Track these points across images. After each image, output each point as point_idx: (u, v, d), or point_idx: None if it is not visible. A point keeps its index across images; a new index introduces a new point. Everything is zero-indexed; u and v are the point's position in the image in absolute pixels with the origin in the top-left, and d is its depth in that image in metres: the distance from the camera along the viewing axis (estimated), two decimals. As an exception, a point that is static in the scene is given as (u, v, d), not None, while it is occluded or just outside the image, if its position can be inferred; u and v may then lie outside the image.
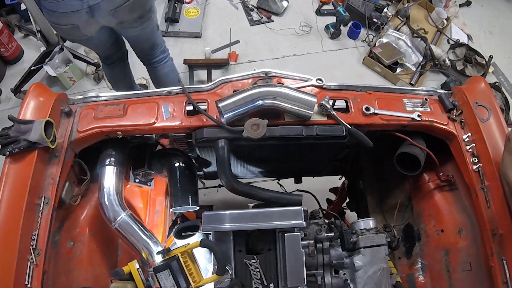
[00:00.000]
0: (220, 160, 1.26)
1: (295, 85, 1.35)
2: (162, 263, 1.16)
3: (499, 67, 3.69)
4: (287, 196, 1.32)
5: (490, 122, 1.33)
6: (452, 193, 1.42)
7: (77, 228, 1.34)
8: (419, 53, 3.53)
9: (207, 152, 1.57)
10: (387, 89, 1.42)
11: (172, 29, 3.48)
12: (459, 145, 1.33)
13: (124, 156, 1.40)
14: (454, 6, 4.02)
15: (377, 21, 3.66)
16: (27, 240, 1.08)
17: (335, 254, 1.28)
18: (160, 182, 1.86)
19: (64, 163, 1.22)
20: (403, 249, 1.55)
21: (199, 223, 1.27)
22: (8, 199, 1.10)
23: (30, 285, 1.04)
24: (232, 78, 1.37)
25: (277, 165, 1.85)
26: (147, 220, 1.74)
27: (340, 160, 1.87)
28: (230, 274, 1.17)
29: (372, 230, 1.23)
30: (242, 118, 1.23)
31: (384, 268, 1.18)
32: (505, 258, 1.14)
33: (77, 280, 1.27)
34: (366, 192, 1.78)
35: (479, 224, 1.24)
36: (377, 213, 1.73)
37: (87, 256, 1.32)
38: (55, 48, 2.92)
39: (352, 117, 1.31)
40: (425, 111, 1.37)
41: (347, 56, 3.60)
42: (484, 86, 1.45)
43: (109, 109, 1.29)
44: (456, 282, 1.32)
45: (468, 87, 1.46)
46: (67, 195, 1.26)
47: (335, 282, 1.26)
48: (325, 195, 2.26)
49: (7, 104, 3.07)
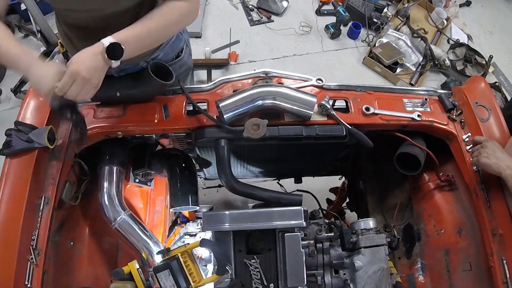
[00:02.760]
0: (220, 160, 1.26)
1: (295, 85, 1.35)
2: (162, 263, 1.16)
3: (499, 67, 3.69)
4: (287, 196, 1.32)
5: (490, 122, 1.34)
6: (452, 193, 1.42)
7: (77, 228, 1.34)
8: (419, 53, 3.53)
9: (207, 152, 1.57)
10: (387, 89, 1.43)
11: (172, 29, 3.48)
12: (459, 145, 1.33)
13: (124, 156, 1.40)
14: (454, 6, 4.02)
15: (377, 21, 3.66)
16: (27, 240, 1.08)
17: (335, 254, 1.28)
18: (160, 182, 1.86)
19: (64, 163, 1.22)
20: (403, 249, 1.55)
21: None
22: (8, 199, 1.10)
23: (30, 285, 1.04)
24: (232, 78, 1.37)
25: (277, 165, 1.85)
26: (147, 220, 1.74)
27: (340, 160, 1.87)
28: (230, 274, 1.17)
29: (372, 230, 1.23)
30: (242, 118, 1.23)
31: (384, 268, 1.18)
32: (505, 258, 1.14)
33: (77, 280, 1.27)
34: (366, 192, 1.78)
35: (479, 224, 1.24)
36: (377, 213, 1.73)
37: (87, 256, 1.32)
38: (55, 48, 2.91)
39: (352, 117, 1.31)
40: (425, 111, 1.37)
41: (347, 56, 3.60)
42: (484, 86, 1.45)
43: (109, 109, 1.29)
44: (456, 282, 1.32)
45: (468, 87, 1.46)
46: (67, 195, 1.26)
47: (335, 282, 1.26)
48: (325, 195, 2.25)
49: (7, 104, 3.07)
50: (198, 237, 1.81)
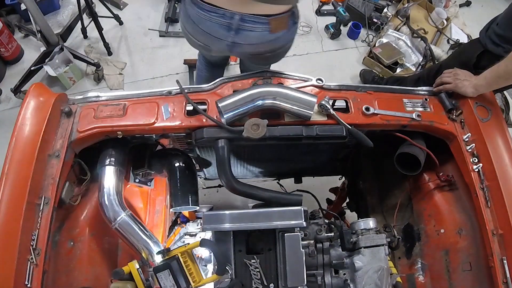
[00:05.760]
0: (220, 160, 1.26)
1: (295, 85, 1.35)
2: (162, 263, 1.16)
3: (499, 67, 3.69)
4: (287, 196, 1.32)
5: (490, 122, 1.34)
6: (452, 193, 1.42)
7: (77, 228, 1.34)
8: (419, 53, 3.53)
9: (207, 152, 1.57)
10: (387, 89, 1.43)
11: (172, 29, 3.48)
12: (459, 145, 1.33)
13: (124, 156, 1.40)
14: (454, 6, 4.02)
15: (377, 21, 3.66)
16: (27, 240, 1.08)
17: (335, 254, 1.28)
18: (160, 182, 1.86)
19: (64, 163, 1.22)
20: (403, 249, 1.55)
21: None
22: (8, 199, 1.10)
23: (30, 285, 1.04)
24: (232, 78, 1.37)
25: (277, 165, 1.85)
26: (147, 220, 1.74)
27: (340, 160, 1.87)
28: (230, 274, 1.17)
29: (372, 230, 1.23)
30: (242, 118, 1.24)
31: (384, 268, 1.18)
32: (505, 258, 1.14)
33: (77, 280, 1.27)
34: (366, 192, 1.78)
35: (479, 224, 1.24)
36: (377, 213, 1.73)
37: (87, 256, 1.32)
38: (55, 48, 2.91)
39: (352, 117, 1.31)
40: (425, 111, 1.37)
41: (347, 56, 3.60)
42: (484, 86, 1.45)
43: (109, 109, 1.29)
44: (456, 282, 1.32)
45: (468, 87, 1.46)
46: (67, 195, 1.26)
47: (335, 282, 1.26)
48: (325, 195, 2.26)
49: (7, 104, 3.07)
50: (198, 237, 1.81)
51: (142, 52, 3.39)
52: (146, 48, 3.41)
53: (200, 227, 1.86)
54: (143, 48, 3.42)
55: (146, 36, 3.48)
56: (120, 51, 3.39)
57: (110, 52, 3.31)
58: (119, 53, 3.37)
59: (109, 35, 3.36)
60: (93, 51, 3.32)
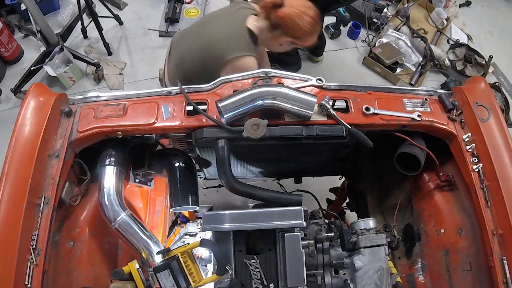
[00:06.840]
0: (220, 160, 1.26)
1: (295, 85, 1.35)
2: (162, 263, 1.16)
3: (499, 67, 3.69)
4: (287, 196, 1.32)
5: (490, 122, 1.34)
6: (452, 193, 1.42)
7: (77, 228, 1.34)
8: (419, 53, 3.53)
9: (207, 152, 1.57)
10: (387, 89, 1.42)
11: (172, 29, 3.48)
12: (459, 145, 1.33)
13: (124, 156, 1.40)
14: (454, 6, 4.02)
15: (377, 21, 3.66)
16: (27, 240, 1.08)
17: (335, 254, 1.28)
18: (160, 182, 1.86)
19: (64, 163, 1.22)
20: (403, 249, 1.55)
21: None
22: (8, 199, 1.10)
23: (30, 285, 1.04)
24: (232, 78, 1.37)
25: (277, 165, 1.85)
26: (147, 220, 1.74)
27: (340, 160, 1.87)
28: (230, 274, 1.17)
29: (372, 230, 1.23)
30: (242, 118, 1.23)
31: (384, 268, 1.18)
32: (505, 258, 1.14)
33: (77, 280, 1.27)
34: (366, 192, 1.78)
35: (479, 224, 1.24)
36: (377, 213, 1.73)
37: (87, 256, 1.32)
38: (55, 48, 2.92)
39: (352, 117, 1.31)
40: (425, 111, 1.37)
41: (347, 56, 3.60)
42: (484, 86, 1.45)
43: (109, 109, 1.29)
44: (456, 282, 1.32)
45: (468, 87, 1.46)
46: (67, 195, 1.26)
47: (335, 282, 1.26)
48: (325, 195, 2.26)
49: (7, 104, 3.07)
50: (198, 237, 1.81)
51: (142, 52, 3.40)
52: (146, 48, 3.42)
53: (200, 227, 1.86)
54: (143, 48, 3.42)
55: (146, 36, 3.48)
56: (120, 51, 3.39)
57: (110, 52, 3.31)
58: (119, 53, 3.38)
59: (109, 35, 3.36)
60: (93, 51, 3.32)
